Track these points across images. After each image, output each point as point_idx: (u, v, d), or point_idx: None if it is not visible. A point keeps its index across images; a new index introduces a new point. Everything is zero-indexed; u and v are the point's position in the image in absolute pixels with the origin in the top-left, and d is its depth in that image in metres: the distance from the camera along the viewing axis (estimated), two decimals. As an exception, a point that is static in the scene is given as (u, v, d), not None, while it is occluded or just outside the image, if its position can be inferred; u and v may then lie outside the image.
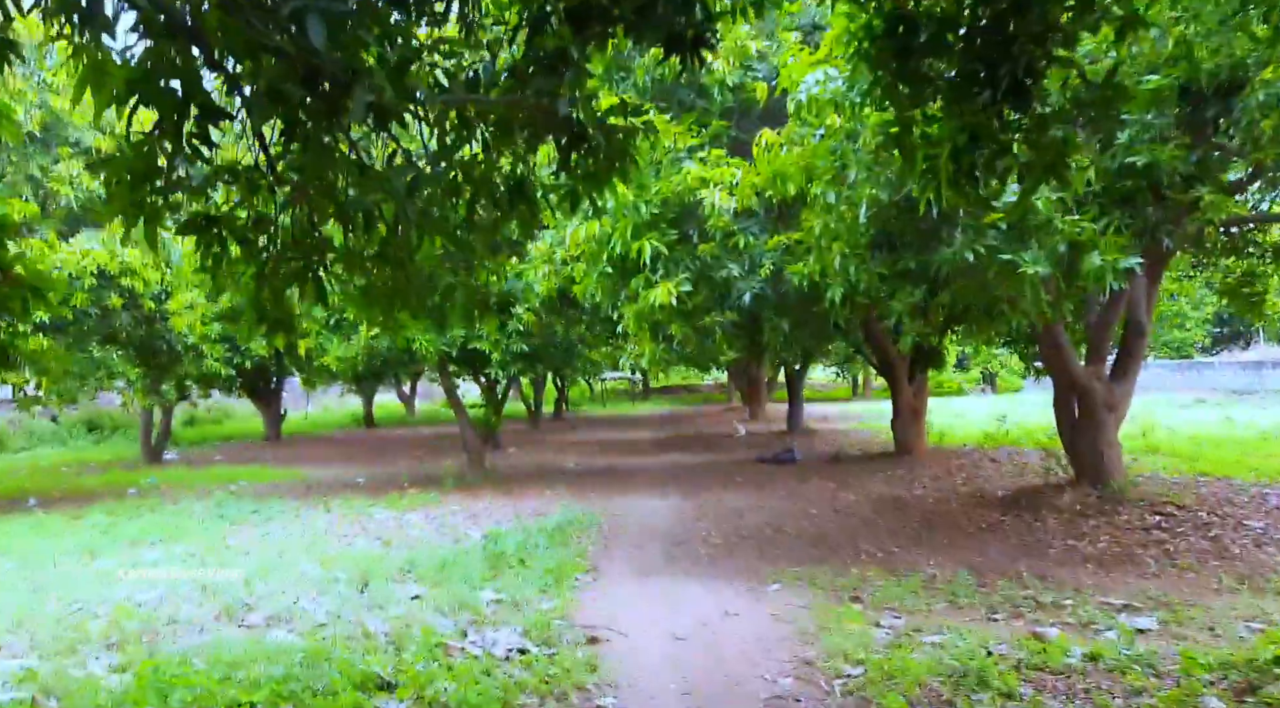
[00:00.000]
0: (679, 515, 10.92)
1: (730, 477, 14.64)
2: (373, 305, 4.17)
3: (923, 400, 15.49)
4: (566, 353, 23.38)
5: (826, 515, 10.22)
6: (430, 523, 10.95)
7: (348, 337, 12.88)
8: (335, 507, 12.47)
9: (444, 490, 13.79)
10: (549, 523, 10.24)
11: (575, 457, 19.44)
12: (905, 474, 13.36)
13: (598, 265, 8.18)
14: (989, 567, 7.25)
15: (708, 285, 7.79)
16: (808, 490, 12.48)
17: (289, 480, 16.38)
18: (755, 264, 7.47)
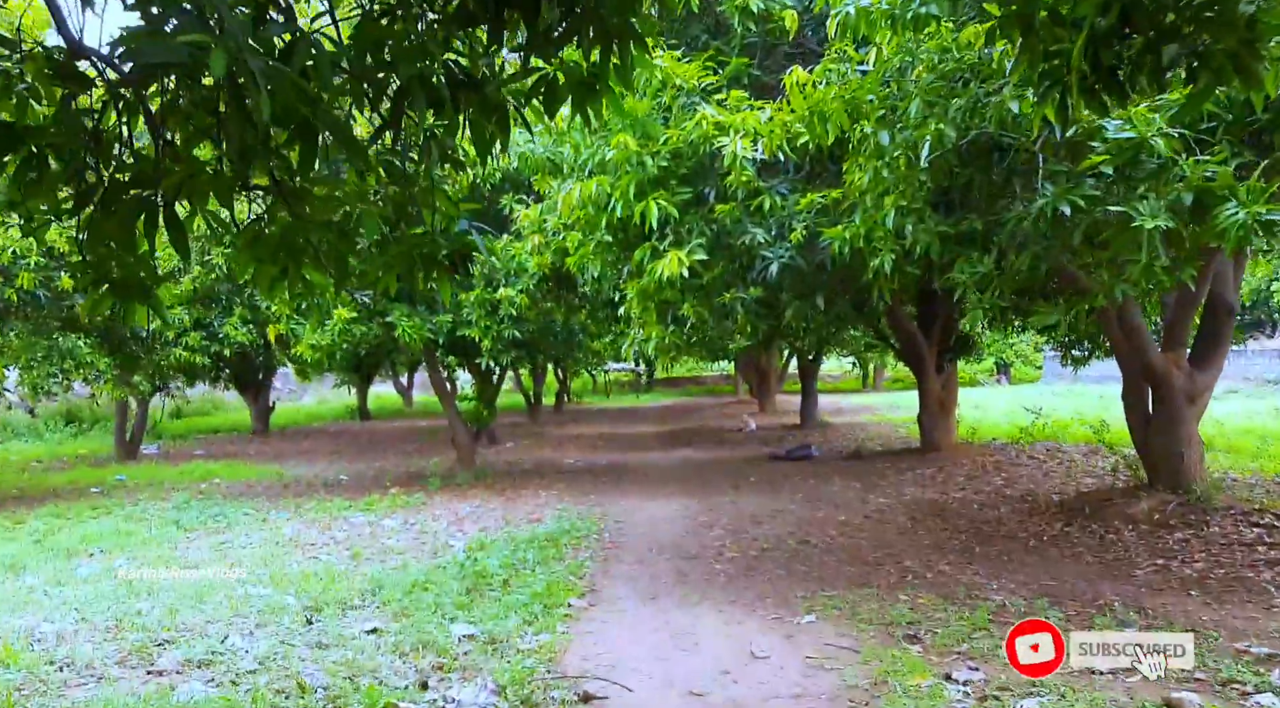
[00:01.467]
0: (688, 522, 9.67)
1: (743, 476, 13.40)
2: (261, 257, 2.92)
3: (952, 393, 14.23)
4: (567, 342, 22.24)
5: (857, 524, 8.97)
6: (408, 531, 9.72)
7: (321, 322, 11.65)
8: (307, 510, 11.26)
9: (430, 491, 12.57)
10: (541, 532, 9.01)
11: (575, 452, 18.22)
12: (936, 474, 12.10)
13: (595, 233, 6.93)
14: (1067, 593, 6.00)
15: (726, 255, 6.53)
16: (831, 492, 11.23)
17: (266, 479, 15.20)
18: (784, 229, 6.21)
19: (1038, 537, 7.67)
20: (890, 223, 5.04)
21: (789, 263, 6.16)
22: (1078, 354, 14.70)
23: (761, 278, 6.26)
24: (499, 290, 11.79)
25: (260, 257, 2.91)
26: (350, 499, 12.06)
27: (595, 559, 7.97)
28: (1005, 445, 14.58)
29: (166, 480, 15.21)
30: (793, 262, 6.17)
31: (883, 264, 5.42)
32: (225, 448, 21.75)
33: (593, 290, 14.19)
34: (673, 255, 6.07)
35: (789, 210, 6.19)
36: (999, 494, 10.13)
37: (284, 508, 11.48)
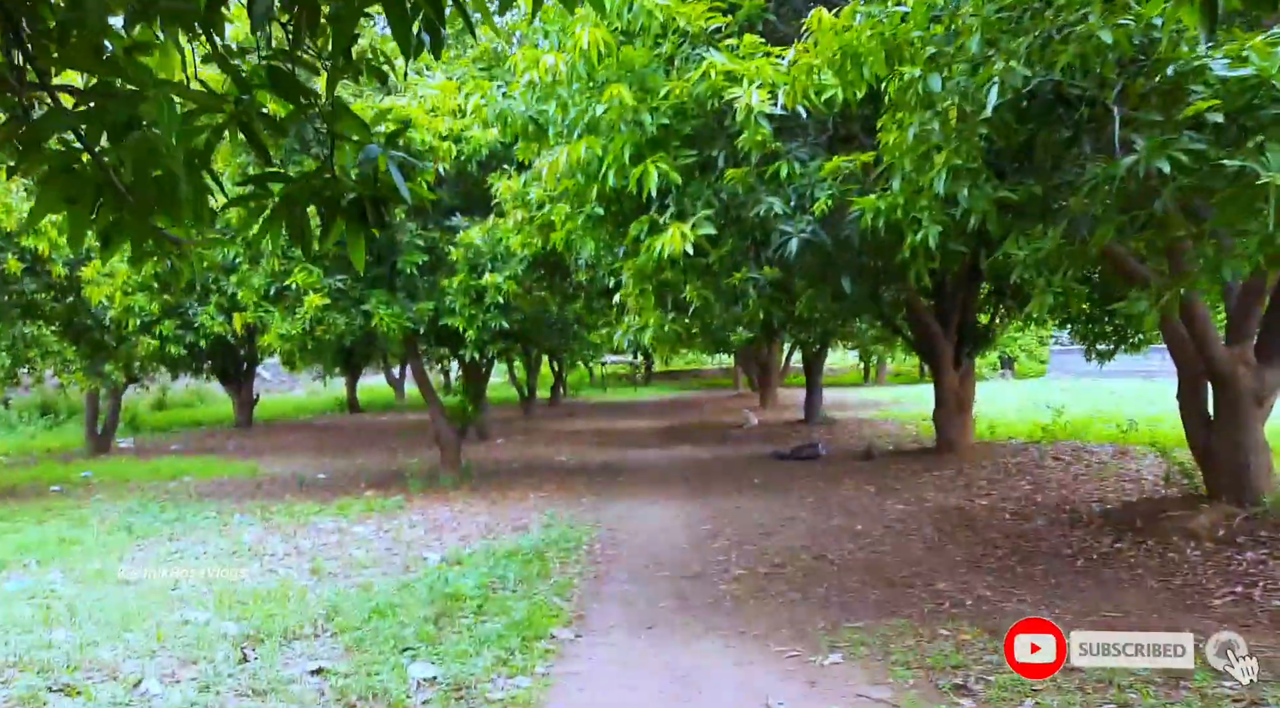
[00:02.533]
0: (689, 532, 8.78)
1: (746, 477, 12.51)
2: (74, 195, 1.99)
3: (969, 389, 13.32)
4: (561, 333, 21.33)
5: (877, 535, 8.07)
6: (380, 540, 8.82)
7: (291, 309, 10.72)
8: (274, 514, 10.35)
9: (409, 493, 11.66)
10: (526, 543, 8.11)
11: (569, 449, 17.32)
12: (956, 476, 11.20)
13: (586, 206, 6.01)
14: (1137, 628, 5.10)
15: (737, 229, 5.60)
16: (843, 497, 10.34)
17: (239, 477, 14.30)
18: (805, 199, 5.29)
19: (1086, 555, 6.77)
20: (941, 187, 4.13)
21: (811, 239, 5.24)
22: (1103, 348, 13.81)
23: (778, 256, 5.35)
24: (484, 276, 10.86)
25: (72, 195, 1.98)
26: (322, 502, 11.15)
27: (585, 576, 7.07)
28: (1025, 445, 13.69)
29: (134, 478, 14.32)
30: (815, 237, 5.25)
31: (926, 238, 4.51)
32: (204, 442, 20.85)
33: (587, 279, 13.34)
34: (674, 229, 5.15)
35: (810, 178, 5.28)
36: (1030, 501, 9.23)
37: (250, 511, 10.58)
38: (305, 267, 10.53)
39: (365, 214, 2.21)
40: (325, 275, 10.71)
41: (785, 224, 5.27)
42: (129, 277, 11.61)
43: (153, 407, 30.28)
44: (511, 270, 10.98)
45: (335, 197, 2.22)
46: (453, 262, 11.09)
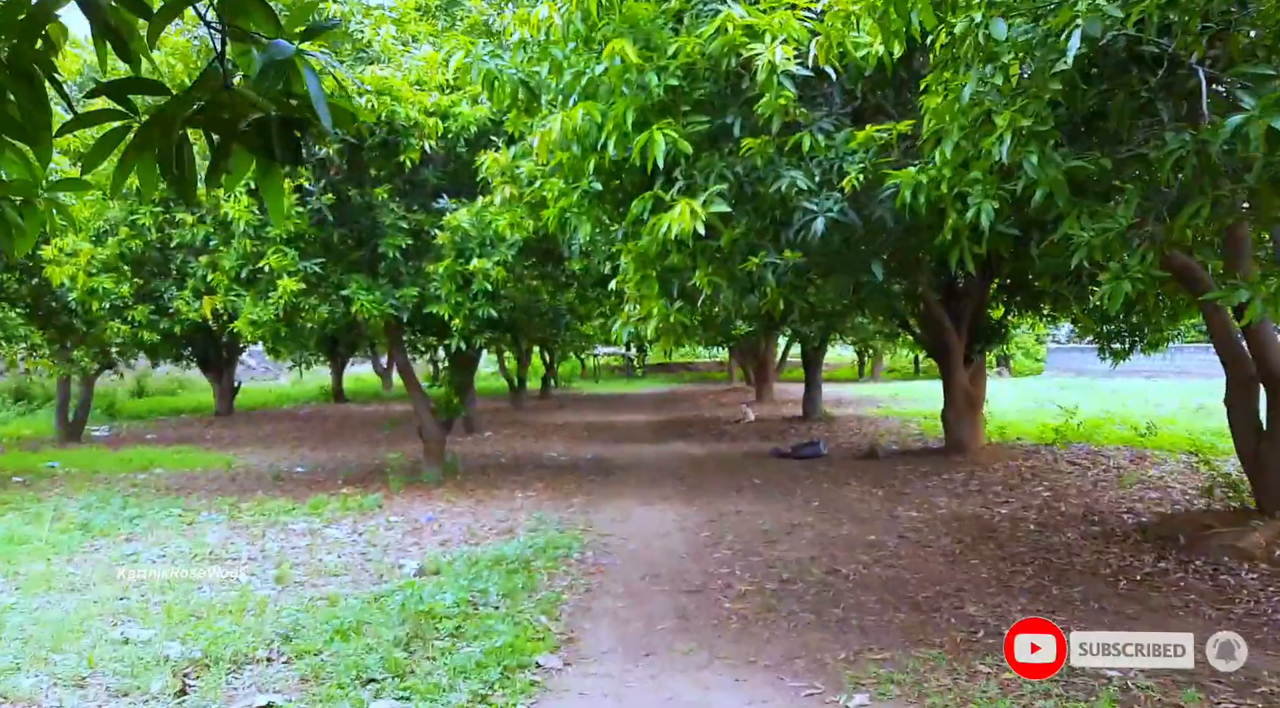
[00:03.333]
0: (688, 537, 8.15)
1: (746, 476, 11.89)
2: None
3: (980, 388, 12.72)
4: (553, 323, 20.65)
5: (891, 546, 7.45)
6: (354, 543, 8.17)
7: (264, 294, 10.03)
8: (244, 511, 9.69)
9: (389, 490, 11.01)
10: (512, 550, 7.46)
11: (560, 444, 16.69)
12: (968, 480, 10.60)
13: (582, 181, 5.34)
14: (1203, 667, 4.48)
15: (754, 207, 4.93)
16: (849, 501, 9.72)
17: (213, 469, 13.63)
18: (834, 173, 4.62)
19: (1127, 575, 6.15)
20: (1004, 154, 3.49)
21: (839, 219, 4.58)
22: (1118, 347, 13.21)
23: (800, 239, 4.70)
24: (472, 262, 10.19)
25: None
26: (296, 499, 10.49)
27: (575, 590, 6.43)
28: (1038, 448, 13.10)
29: (102, 469, 13.62)
30: (843, 217, 4.60)
31: (976, 217, 3.87)
32: (182, 431, 20.15)
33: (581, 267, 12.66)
34: (683, 206, 4.48)
35: (838, 151, 4.62)
36: (1052, 510, 8.63)
37: (218, 508, 9.92)
38: (280, 248, 9.84)
39: (272, 143, 1.57)
40: (301, 258, 10.02)
41: (809, 202, 4.62)
42: (93, 256, 10.90)
43: (132, 394, 29.54)
44: (501, 256, 10.32)
45: (231, 118, 1.57)
46: (439, 246, 10.42)
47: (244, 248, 9.87)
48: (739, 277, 5.10)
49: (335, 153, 9.90)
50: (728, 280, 5.17)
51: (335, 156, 9.94)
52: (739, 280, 5.14)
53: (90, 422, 21.80)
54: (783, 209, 4.86)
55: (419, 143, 10.23)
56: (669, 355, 50.10)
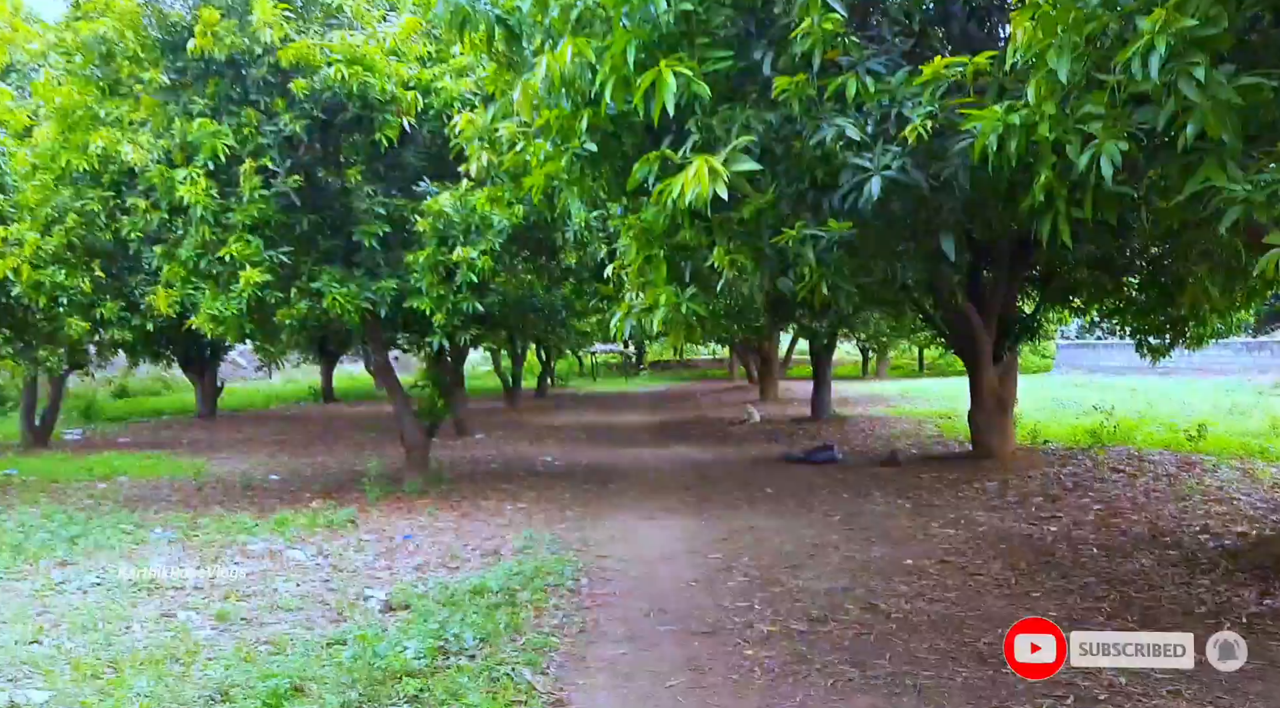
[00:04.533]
0: (696, 561, 7.17)
1: (756, 484, 10.90)
2: None
3: (1011, 388, 11.74)
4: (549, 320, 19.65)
5: (933, 572, 6.47)
6: (318, 569, 7.18)
7: (225, 286, 9.04)
8: (200, 529, 8.70)
9: (365, 503, 10.01)
10: (495, 578, 6.46)
11: (555, 447, 15.70)
12: (1004, 490, 9.62)
13: (572, 139, 4.34)
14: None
15: (789, 166, 3.92)
16: (876, 515, 8.74)
17: (181, 477, 12.66)
18: (890, 122, 3.62)
19: (1230, 615, 5.16)
20: (1154, 70, 2.51)
21: (899, 178, 3.59)
22: (1156, 343, 12.23)
23: (849, 204, 3.70)
24: (455, 251, 9.20)
25: None
26: (261, 513, 9.50)
27: (567, 630, 5.44)
28: (1069, 452, 12.12)
29: (61, 478, 12.67)
30: (904, 176, 3.60)
31: (1091, 166, 2.87)
32: (159, 435, 19.17)
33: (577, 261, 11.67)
34: (699, 164, 3.48)
35: (894, 94, 3.63)
36: (1110, 528, 7.65)
37: (175, 525, 8.93)
38: (242, 236, 8.84)
39: None
40: (267, 247, 9.02)
41: (861, 157, 3.64)
42: (39, 246, 9.87)
43: (113, 395, 28.55)
44: (487, 244, 9.33)
45: None
46: (419, 234, 9.43)
47: (202, 236, 8.86)
48: (769, 255, 4.10)
49: (302, 129, 8.90)
50: (755, 260, 4.16)
51: (302, 133, 8.93)
52: (769, 260, 4.13)
53: (65, 424, 20.86)
54: (826, 168, 3.86)
55: (397, 120, 9.24)
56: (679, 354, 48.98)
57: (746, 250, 4.12)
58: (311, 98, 8.92)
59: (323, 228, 9.93)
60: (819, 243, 3.86)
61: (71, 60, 9.52)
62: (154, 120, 9.08)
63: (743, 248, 4.12)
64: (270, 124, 8.98)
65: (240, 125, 8.89)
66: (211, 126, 8.68)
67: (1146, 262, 11.19)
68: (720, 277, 4.22)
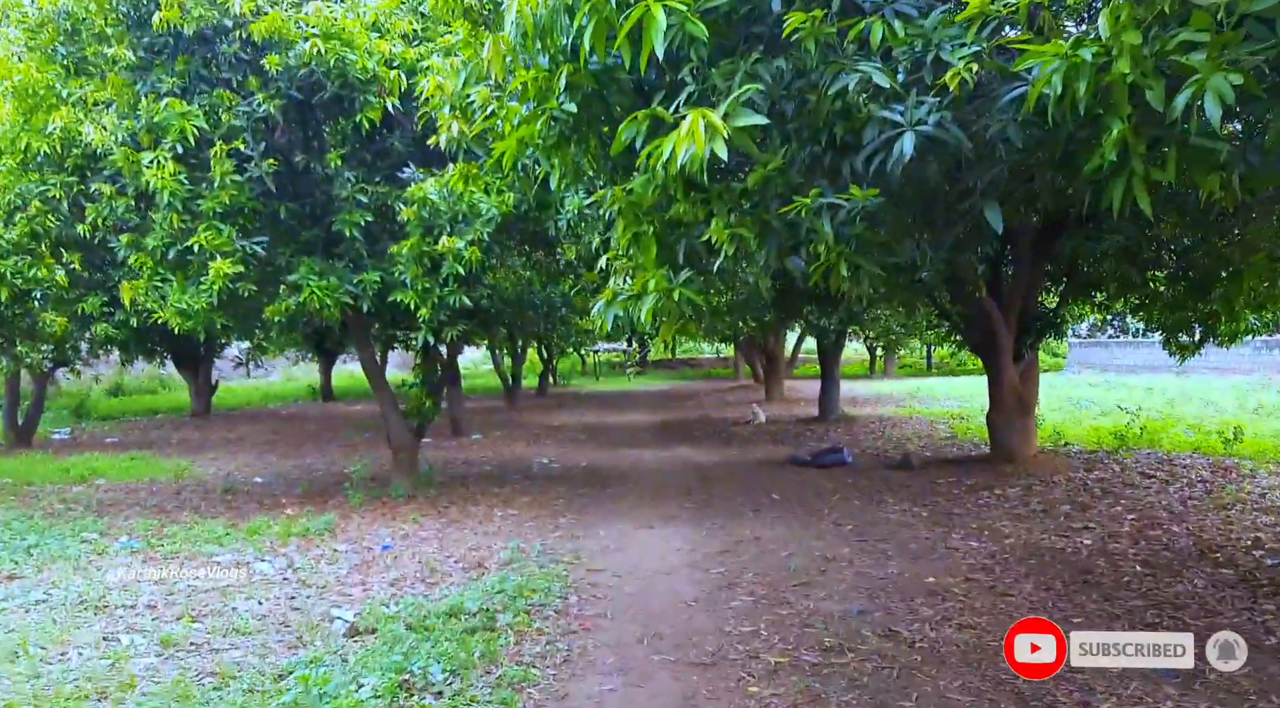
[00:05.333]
0: (697, 576, 6.56)
1: (762, 489, 10.29)
2: None
3: (1032, 387, 11.09)
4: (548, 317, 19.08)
5: (960, 592, 5.84)
6: (285, 584, 6.59)
7: (195, 278, 8.46)
8: (167, 538, 8.13)
9: (347, 509, 9.44)
10: (474, 597, 5.87)
11: (553, 448, 15.11)
12: (1027, 497, 8.99)
13: (549, 96, 3.73)
14: None
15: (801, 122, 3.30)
16: (891, 525, 8.12)
17: (161, 480, 12.11)
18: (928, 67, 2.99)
19: (1301, 647, 4.55)
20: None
21: (935, 135, 2.96)
22: (1185, 341, 11.58)
23: (875, 167, 3.08)
24: (441, 241, 8.61)
25: None
26: (236, 520, 8.93)
27: (550, 661, 4.84)
28: (1093, 454, 11.48)
29: (38, 480, 12.15)
30: (942, 133, 2.97)
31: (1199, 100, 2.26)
32: (149, 434, 18.62)
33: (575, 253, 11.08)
34: (694, 119, 2.87)
35: (932, 36, 3.02)
36: (1149, 541, 7.02)
37: (141, 532, 8.36)
38: (213, 224, 8.25)
39: None
40: (240, 236, 8.44)
41: (890, 110, 3.03)
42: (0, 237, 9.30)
43: (108, 393, 28.05)
44: (475, 233, 8.73)
45: None
46: (402, 223, 8.84)
47: (170, 223, 8.27)
48: (776, 228, 3.46)
49: (277, 110, 8.31)
50: (760, 235, 3.52)
51: (277, 114, 8.34)
52: (776, 234, 3.49)
53: (54, 423, 20.35)
54: (846, 124, 3.24)
55: (379, 101, 8.65)
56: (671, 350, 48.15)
57: (749, 224, 3.48)
58: (286, 75, 8.35)
59: (301, 217, 9.36)
60: (838, 214, 3.23)
61: (35, 37, 8.95)
62: (119, 100, 8.50)
63: (745, 221, 3.49)
64: (243, 104, 8.39)
65: (211, 105, 8.32)
66: (180, 107, 8.11)
67: (1176, 253, 10.56)
68: (720, 256, 3.59)
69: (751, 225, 3.50)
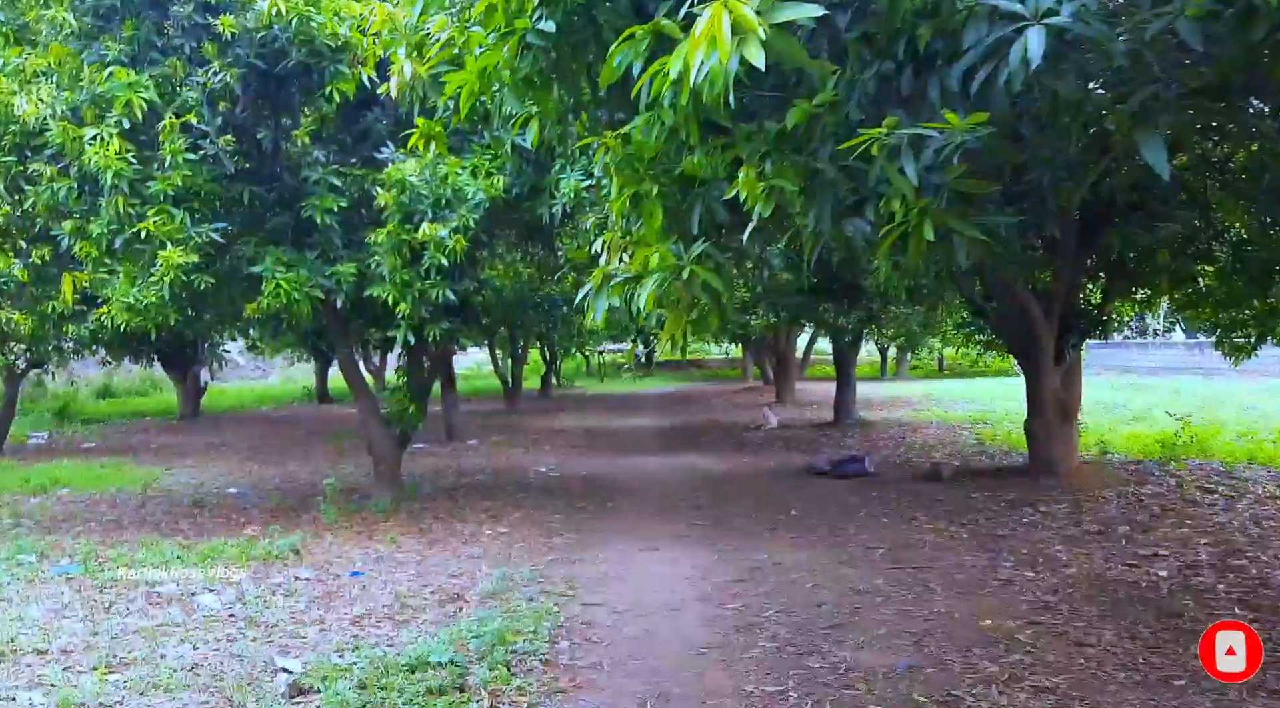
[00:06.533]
0: (710, 616, 5.62)
1: (778, 503, 9.34)
2: None
3: (1075, 391, 10.12)
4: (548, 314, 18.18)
5: (1026, 640, 4.89)
6: (230, 622, 5.66)
7: (146, 266, 7.54)
8: (110, 562, 7.20)
9: (319, 526, 8.52)
10: (445, 644, 4.93)
11: (552, 454, 14.17)
12: (1077, 515, 8.03)
13: (518, 22, 2.80)
14: None
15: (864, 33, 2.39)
16: (928, 549, 7.16)
17: (128, 489, 11.23)
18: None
19: None
20: None
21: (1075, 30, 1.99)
22: (1241, 341, 10.60)
23: (980, 85, 2.14)
24: (422, 228, 7.69)
25: None
26: (191, 539, 8.02)
27: (530, 734, 3.90)
28: (1140, 465, 10.50)
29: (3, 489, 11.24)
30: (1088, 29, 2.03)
31: None
32: (130, 439, 17.72)
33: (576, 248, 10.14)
34: (715, 13, 1.94)
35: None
36: (1234, 571, 6.05)
37: (82, 555, 7.42)
38: (164, 209, 7.33)
39: None
40: (194, 222, 7.53)
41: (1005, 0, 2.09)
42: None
43: (97, 395, 27.20)
44: (461, 220, 7.82)
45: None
46: (379, 209, 7.94)
47: (117, 208, 7.35)
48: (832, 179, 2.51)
49: (236, 80, 7.39)
50: (808, 189, 2.56)
51: (235, 84, 7.42)
52: (832, 187, 2.53)
53: (34, 426, 19.49)
54: (935, 22, 2.29)
55: (353, 73, 7.74)
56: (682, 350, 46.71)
57: (790, 171, 2.53)
58: (246, 40, 7.44)
59: (268, 202, 8.45)
60: (923, 153, 2.29)
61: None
62: (61, 71, 7.59)
63: (785, 170, 2.53)
64: (198, 75, 7.48)
65: (163, 75, 7.42)
66: (126, 76, 7.19)
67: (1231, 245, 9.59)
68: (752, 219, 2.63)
69: (794, 174, 2.54)
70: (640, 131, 2.67)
